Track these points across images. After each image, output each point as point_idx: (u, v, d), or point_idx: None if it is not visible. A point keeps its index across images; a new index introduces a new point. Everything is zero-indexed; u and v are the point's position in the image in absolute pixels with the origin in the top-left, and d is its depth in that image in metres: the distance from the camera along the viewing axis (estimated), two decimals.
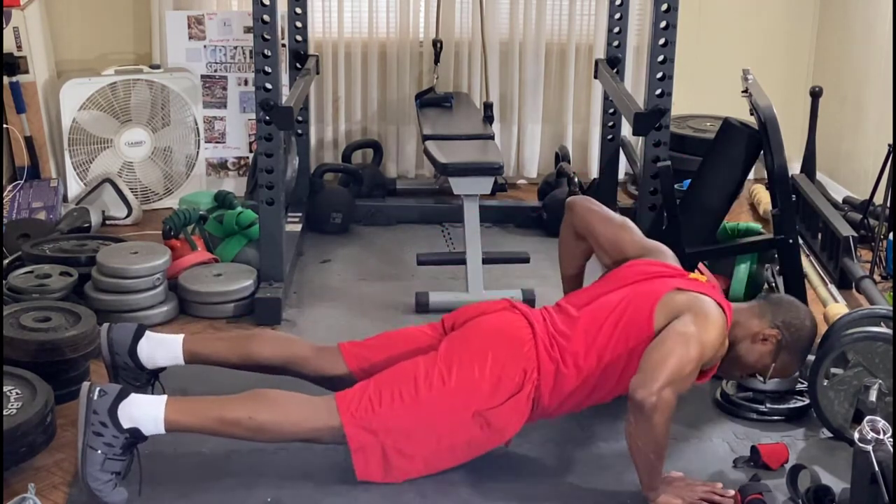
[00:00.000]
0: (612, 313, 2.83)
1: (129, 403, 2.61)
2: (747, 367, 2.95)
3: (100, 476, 2.57)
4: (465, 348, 2.79)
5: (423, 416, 2.72)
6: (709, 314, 2.76)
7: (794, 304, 3.01)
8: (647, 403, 2.57)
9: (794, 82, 5.42)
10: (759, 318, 2.92)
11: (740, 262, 3.91)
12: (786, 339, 2.91)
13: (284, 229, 4.07)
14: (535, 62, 5.33)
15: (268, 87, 3.79)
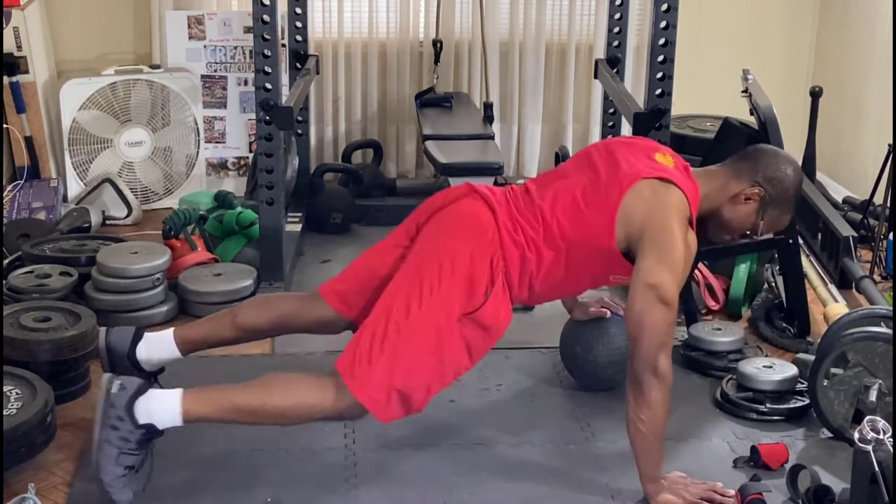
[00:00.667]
0: (575, 203, 2.75)
1: (147, 398, 2.60)
2: (735, 230, 2.86)
3: (113, 470, 2.55)
4: (431, 257, 2.71)
5: (415, 345, 2.64)
6: (667, 225, 2.67)
7: (773, 154, 2.88)
8: (644, 379, 2.59)
9: (794, 82, 5.42)
10: (736, 180, 2.81)
11: (740, 262, 3.92)
12: (770, 194, 2.80)
13: (284, 229, 4.07)
14: (535, 62, 5.33)
15: (268, 87, 3.79)
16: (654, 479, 2.68)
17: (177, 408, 2.61)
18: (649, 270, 2.64)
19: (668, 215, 2.69)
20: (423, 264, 2.71)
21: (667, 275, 2.63)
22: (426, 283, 2.67)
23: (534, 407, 3.24)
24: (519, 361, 3.52)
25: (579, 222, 2.74)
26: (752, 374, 3.20)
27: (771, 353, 3.56)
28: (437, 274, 2.67)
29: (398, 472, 2.84)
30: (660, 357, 2.60)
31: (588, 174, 2.82)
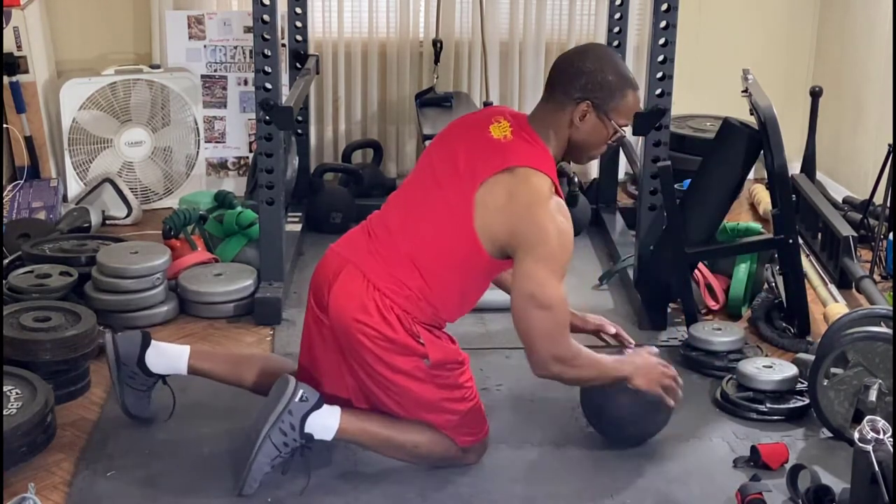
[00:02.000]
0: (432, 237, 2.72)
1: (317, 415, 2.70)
2: (596, 142, 2.77)
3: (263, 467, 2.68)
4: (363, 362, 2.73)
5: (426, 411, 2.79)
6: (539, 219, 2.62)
7: (567, 62, 2.76)
8: (549, 377, 2.73)
9: (794, 82, 5.42)
10: (560, 111, 2.74)
11: (740, 262, 3.92)
12: (596, 97, 2.69)
13: (284, 229, 4.07)
14: (535, 62, 5.33)
15: (268, 87, 3.79)
16: (618, 375, 2.82)
17: (335, 426, 2.72)
18: (525, 276, 2.65)
19: (529, 212, 2.63)
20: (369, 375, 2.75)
21: (544, 275, 2.63)
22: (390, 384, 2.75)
23: (534, 407, 3.23)
24: (519, 361, 3.50)
25: (444, 254, 2.72)
26: (752, 374, 3.20)
27: (771, 353, 3.56)
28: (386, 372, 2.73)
29: (398, 472, 2.84)
30: (556, 352, 2.68)
31: (432, 191, 2.76)
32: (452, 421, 2.80)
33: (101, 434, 3.00)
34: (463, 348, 3.57)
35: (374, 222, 2.85)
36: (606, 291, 4.07)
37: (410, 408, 2.78)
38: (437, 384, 2.77)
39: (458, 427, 2.81)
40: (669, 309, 3.81)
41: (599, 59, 2.73)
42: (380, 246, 2.77)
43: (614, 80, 2.72)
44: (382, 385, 2.76)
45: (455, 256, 2.73)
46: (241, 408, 3.00)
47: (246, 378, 3.00)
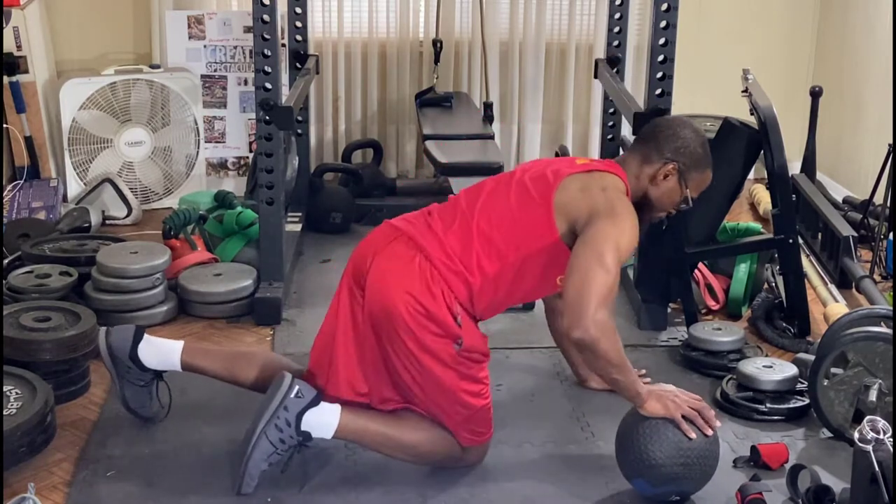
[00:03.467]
0: (509, 209, 2.80)
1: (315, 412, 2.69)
2: (667, 205, 2.92)
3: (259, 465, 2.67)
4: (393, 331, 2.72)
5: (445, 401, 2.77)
6: (613, 200, 2.74)
7: (667, 125, 2.94)
8: (584, 340, 2.61)
9: (794, 82, 5.42)
10: (648, 164, 2.88)
11: (740, 262, 3.92)
12: (683, 163, 2.87)
13: (284, 229, 4.07)
14: (535, 62, 5.33)
15: (268, 87, 3.79)
16: (633, 395, 2.70)
17: (334, 424, 2.71)
18: (596, 237, 2.69)
19: (610, 195, 2.76)
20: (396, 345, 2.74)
21: (612, 245, 2.67)
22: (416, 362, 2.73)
23: (534, 407, 3.23)
24: (519, 361, 3.52)
25: (516, 227, 2.78)
26: (752, 374, 3.20)
27: (771, 353, 3.56)
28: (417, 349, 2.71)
29: (398, 472, 2.84)
30: (597, 316, 2.61)
31: (514, 185, 2.85)
32: (462, 415, 2.78)
33: (101, 434, 3.00)
34: None
35: (436, 206, 2.91)
36: None
37: (428, 390, 2.74)
38: (460, 373, 2.75)
39: (466, 423, 2.80)
40: (669, 309, 3.81)
41: (696, 132, 2.93)
42: (442, 222, 2.82)
43: (702, 155, 2.92)
44: (406, 362, 2.73)
45: (524, 231, 2.77)
46: (241, 408, 2.99)
47: (242, 376, 2.98)
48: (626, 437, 2.71)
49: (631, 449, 2.68)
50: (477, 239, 2.77)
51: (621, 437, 2.74)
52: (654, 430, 2.65)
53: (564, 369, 3.41)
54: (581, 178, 2.81)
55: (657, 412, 2.67)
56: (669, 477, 2.64)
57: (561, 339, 3.31)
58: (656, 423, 2.66)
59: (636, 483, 2.72)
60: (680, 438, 2.64)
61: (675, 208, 2.96)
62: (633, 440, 2.68)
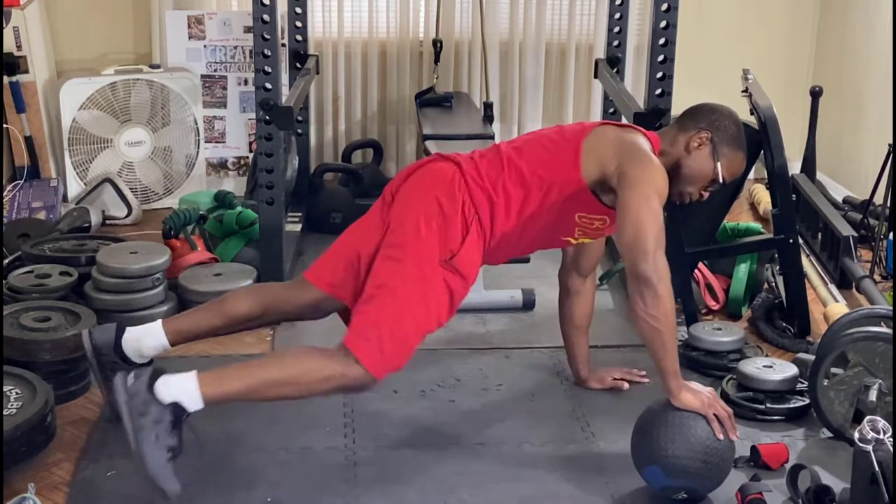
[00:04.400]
0: (541, 146, 2.93)
1: (165, 381, 2.59)
2: (698, 178, 2.95)
3: (157, 455, 2.53)
4: (406, 216, 2.84)
5: (403, 300, 2.73)
6: (642, 153, 2.84)
7: (708, 106, 3.02)
8: (651, 275, 2.65)
9: (794, 82, 5.42)
10: (683, 133, 2.95)
11: (740, 262, 3.92)
12: (716, 135, 2.93)
13: (284, 229, 4.07)
14: (535, 62, 5.33)
15: (268, 87, 3.79)
16: (675, 373, 2.70)
17: (194, 387, 2.60)
18: (635, 178, 2.77)
19: (640, 146, 2.86)
20: (401, 226, 2.83)
21: (653, 189, 2.76)
22: (408, 241, 2.79)
23: (534, 407, 3.23)
24: (519, 361, 3.52)
25: (545, 161, 2.90)
26: (752, 374, 3.19)
27: (771, 353, 3.56)
28: (415, 230, 2.79)
29: (398, 472, 2.84)
30: (658, 253, 2.68)
31: (552, 131, 3.01)
32: (387, 321, 2.70)
33: (101, 434, 3.00)
34: (463, 348, 3.61)
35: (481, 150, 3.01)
36: (606, 291, 4.07)
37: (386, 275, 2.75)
38: (426, 280, 2.76)
39: (381, 332, 2.69)
40: None
41: (732, 114, 3.00)
42: (480, 154, 2.95)
43: (736, 134, 2.98)
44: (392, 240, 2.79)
45: (551, 165, 2.87)
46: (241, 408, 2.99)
47: (235, 310, 2.97)
48: (650, 423, 2.69)
49: (654, 435, 2.66)
50: (507, 167, 2.88)
51: (645, 423, 2.72)
52: (684, 421, 2.65)
53: (564, 369, 3.41)
54: (614, 128, 2.96)
55: (691, 405, 2.67)
56: (687, 471, 2.63)
57: (570, 326, 3.29)
58: (686, 415, 2.65)
59: (649, 470, 2.69)
60: (708, 436, 2.64)
61: (707, 187, 2.98)
62: (658, 427, 2.66)
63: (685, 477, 2.65)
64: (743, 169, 3.05)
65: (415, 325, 2.75)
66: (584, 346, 3.31)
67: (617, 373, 3.33)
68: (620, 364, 3.42)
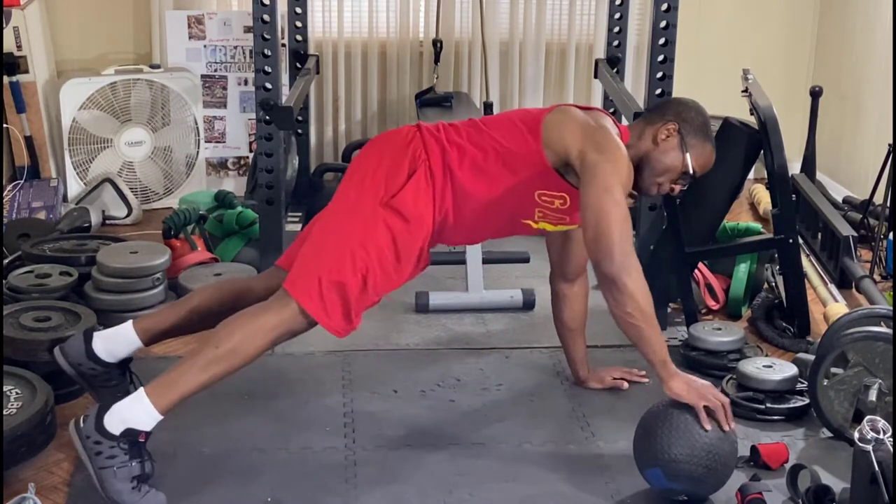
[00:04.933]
0: (505, 118, 2.96)
1: (113, 411, 2.59)
2: (668, 169, 2.93)
3: (121, 487, 2.54)
4: (355, 167, 2.91)
5: (338, 236, 2.74)
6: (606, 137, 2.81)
7: (673, 99, 3.07)
8: (614, 272, 2.66)
9: (794, 82, 5.42)
10: (650, 126, 2.95)
11: (740, 262, 3.92)
12: (683, 127, 2.93)
13: (284, 229, 4.07)
14: (535, 62, 5.34)
15: (268, 87, 3.79)
16: (665, 361, 2.70)
17: (145, 403, 2.60)
18: (601, 173, 2.75)
19: (607, 131, 2.84)
20: (347, 179, 2.88)
21: (615, 180, 2.75)
22: (349, 188, 2.83)
23: (534, 407, 3.23)
24: (519, 361, 3.52)
25: (506, 132, 2.89)
26: (752, 373, 3.19)
27: (771, 353, 3.56)
28: (361, 175, 2.84)
29: (398, 472, 2.84)
30: (623, 247, 2.67)
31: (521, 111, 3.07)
32: (321, 256, 2.71)
33: None
34: (463, 348, 3.61)
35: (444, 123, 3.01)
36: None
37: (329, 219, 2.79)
38: (365, 219, 2.75)
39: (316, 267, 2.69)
40: (669, 309, 3.81)
41: (699, 108, 3.03)
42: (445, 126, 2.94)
43: (703, 126, 2.99)
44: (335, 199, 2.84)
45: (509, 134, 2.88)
46: (241, 407, 3.00)
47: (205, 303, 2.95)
48: (653, 425, 2.68)
49: (656, 438, 2.65)
50: (467, 130, 2.91)
51: (647, 424, 2.70)
52: (688, 425, 2.63)
53: (564, 369, 3.41)
54: (582, 110, 2.94)
55: (681, 393, 2.65)
56: (689, 475, 2.63)
57: (564, 328, 3.30)
58: (690, 419, 2.64)
59: (650, 473, 2.69)
60: (712, 441, 2.62)
61: (677, 180, 2.96)
62: (660, 429, 2.65)
63: (687, 481, 2.65)
64: (713, 161, 3.01)
65: (352, 262, 2.70)
66: (580, 347, 3.31)
67: (616, 372, 3.34)
68: (620, 364, 3.42)
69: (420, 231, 2.81)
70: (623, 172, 2.79)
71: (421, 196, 2.80)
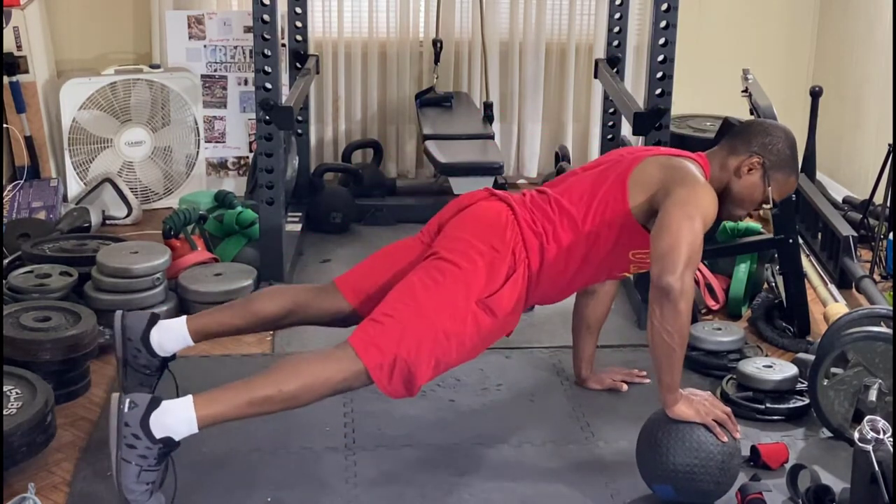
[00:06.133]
0: (587, 188, 2.90)
1: (161, 412, 2.56)
2: (748, 202, 2.93)
3: (136, 488, 2.53)
4: (454, 245, 2.82)
5: (427, 319, 2.70)
6: (692, 176, 2.80)
7: (761, 125, 2.99)
8: (674, 289, 2.60)
9: (794, 82, 5.42)
10: (734, 155, 2.91)
11: (740, 262, 3.92)
12: (769, 160, 2.89)
13: (284, 229, 4.07)
14: (535, 62, 5.33)
15: (268, 87, 3.79)
16: (673, 388, 2.68)
17: (191, 415, 2.58)
18: (682, 198, 2.72)
19: (688, 169, 2.83)
20: (445, 251, 2.80)
21: (699, 208, 2.72)
22: (448, 264, 2.76)
23: (534, 407, 3.23)
24: (519, 361, 3.52)
25: (592, 199, 2.86)
26: (752, 373, 3.20)
27: (771, 353, 3.56)
28: (461, 258, 2.77)
29: (398, 472, 2.84)
30: (687, 272, 2.63)
31: (595, 167, 2.98)
32: (400, 327, 2.67)
33: (101, 434, 2.99)
34: None
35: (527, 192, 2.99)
36: None
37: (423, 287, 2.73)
38: (456, 308, 2.72)
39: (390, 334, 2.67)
40: None
41: (787, 136, 2.95)
42: (532, 196, 2.93)
43: (790, 156, 2.93)
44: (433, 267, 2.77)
45: (598, 202, 2.85)
46: None
47: (264, 310, 2.97)
48: (662, 441, 2.66)
49: (667, 454, 2.64)
50: (557, 212, 2.86)
51: (655, 439, 2.68)
52: (700, 443, 2.64)
53: (564, 369, 3.42)
54: (660, 159, 2.91)
55: (687, 416, 2.65)
56: (700, 491, 2.66)
57: (582, 324, 3.28)
58: (701, 435, 2.64)
59: (660, 488, 2.70)
60: (724, 458, 2.64)
61: (757, 208, 2.96)
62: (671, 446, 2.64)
63: (697, 495, 2.67)
64: (794, 188, 3.01)
65: (431, 349, 2.69)
66: (591, 346, 3.31)
67: (616, 374, 3.33)
68: (620, 364, 3.42)
69: (509, 326, 2.84)
70: (707, 205, 2.75)
71: (516, 295, 2.80)
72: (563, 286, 2.93)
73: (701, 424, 2.65)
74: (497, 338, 2.82)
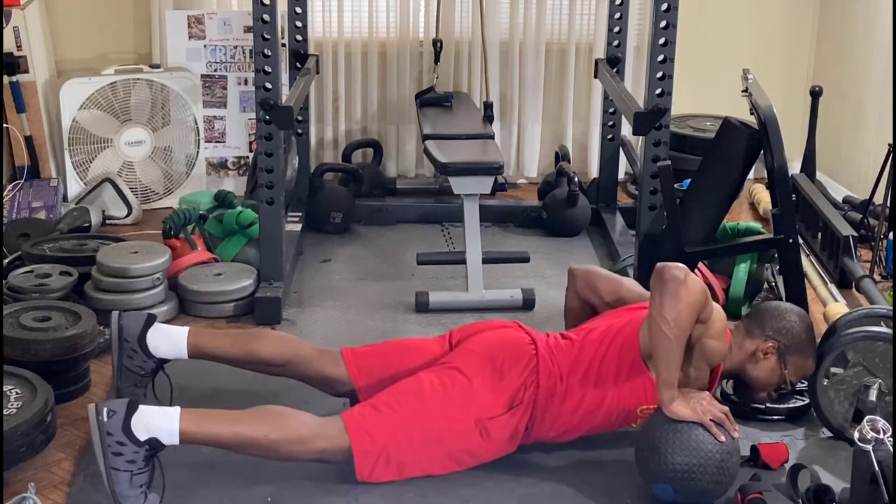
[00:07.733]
0: (604, 336, 2.89)
1: (143, 415, 2.58)
2: (765, 386, 2.95)
3: (130, 493, 2.55)
4: (469, 359, 2.85)
5: (426, 423, 2.75)
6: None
7: (777, 309, 2.98)
8: (676, 276, 2.63)
9: (794, 82, 5.42)
10: (750, 338, 2.93)
11: (740, 262, 3.92)
12: (783, 345, 2.90)
13: (284, 229, 4.07)
14: (535, 62, 5.33)
15: (268, 87, 3.79)
16: (671, 385, 2.68)
17: (174, 428, 2.61)
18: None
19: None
20: (463, 361, 2.84)
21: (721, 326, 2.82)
22: (459, 375, 2.80)
23: None
24: None
25: (605, 342, 2.87)
26: None
27: None
28: (473, 373, 2.80)
29: None
30: (690, 278, 2.65)
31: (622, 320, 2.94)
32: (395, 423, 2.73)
33: None
34: None
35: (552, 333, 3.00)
36: None
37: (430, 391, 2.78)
38: (455, 422, 2.76)
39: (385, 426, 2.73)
40: None
41: (803, 319, 2.97)
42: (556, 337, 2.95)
43: (806, 340, 2.94)
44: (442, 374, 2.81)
45: (611, 344, 2.84)
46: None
47: (259, 350, 2.98)
48: (660, 441, 2.67)
49: (666, 454, 2.65)
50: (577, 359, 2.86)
51: (654, 440, 2.69)
52: (698, 443, 2.64)
53: None
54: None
55: (684, 415, 2.66)
56: (699, 490, 2.67)
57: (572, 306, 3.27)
58: (700, 435, 2.65)
59: (659, 487, 2.70)
60: (723, 457, 2.65)
61: (775, 390, 2.97)
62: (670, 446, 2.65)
63: (696, 495, 2.67)
64: (813, 369, 3.00)
65: (422, 458, 2.76)
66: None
67: None
68: None
69: (501, 452, 2.85)
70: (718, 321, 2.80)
71: (514, 425, 2.82)
72: (566, 429, 2.90)
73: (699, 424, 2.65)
74: (487, 460, 2.83)
